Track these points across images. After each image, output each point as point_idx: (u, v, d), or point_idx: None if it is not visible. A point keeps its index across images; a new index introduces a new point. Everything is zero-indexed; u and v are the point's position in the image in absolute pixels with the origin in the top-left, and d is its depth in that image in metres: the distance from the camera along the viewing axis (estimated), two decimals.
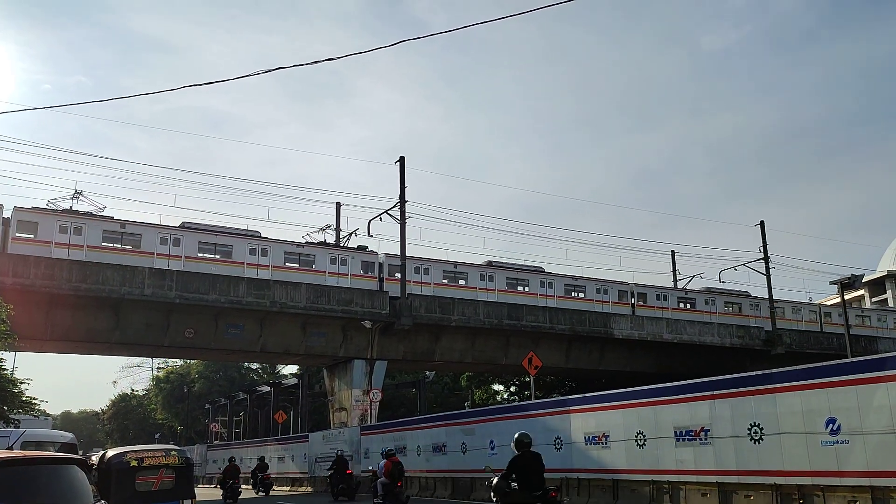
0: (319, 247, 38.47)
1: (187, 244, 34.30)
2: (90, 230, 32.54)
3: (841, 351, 41.93)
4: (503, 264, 42.90)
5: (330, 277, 37.11)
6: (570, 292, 43.87)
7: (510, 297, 41.51)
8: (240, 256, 35.29)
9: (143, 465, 12.03)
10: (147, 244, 33.42)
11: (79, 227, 32.35)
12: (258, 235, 36.60)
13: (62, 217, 32.38)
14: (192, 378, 72.28)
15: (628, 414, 16.68)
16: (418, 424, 26.82)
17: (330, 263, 37.56)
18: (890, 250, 76.18)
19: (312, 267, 37.21)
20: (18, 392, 25.76)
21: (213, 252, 35.25)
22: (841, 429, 12.06)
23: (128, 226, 33.71)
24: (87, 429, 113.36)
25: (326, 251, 38.18)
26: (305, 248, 37.86)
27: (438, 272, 40.18)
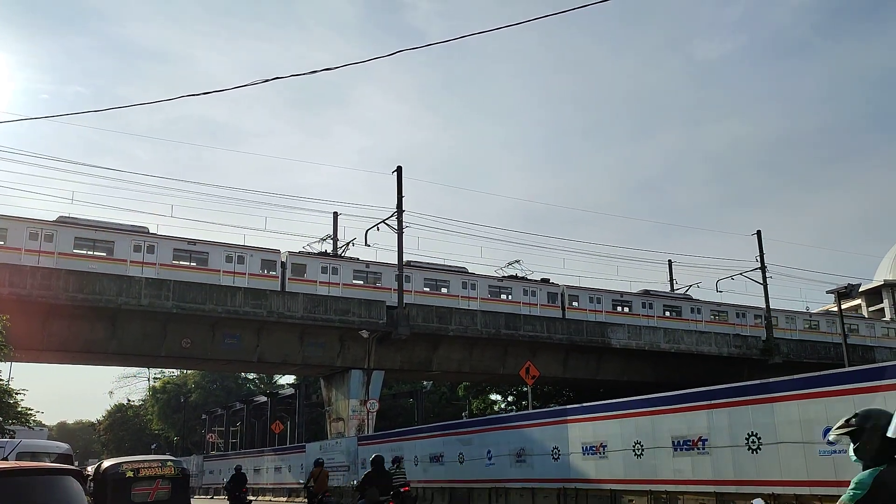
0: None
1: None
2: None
3: (838, 360, 41.92)
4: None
5: None
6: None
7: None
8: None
9: (139, 476, 12.00)
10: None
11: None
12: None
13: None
14: (188, 388, 72.10)
15: (626, 424, 16.66)
16: (416, 434, 26.75)
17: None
18: (887, 259, 76.31)
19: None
20: (14, 403, 25.62)
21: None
22: None
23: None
24: (83, 439, 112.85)
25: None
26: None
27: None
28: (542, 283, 43.79)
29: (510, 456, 20.43)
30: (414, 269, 39.85)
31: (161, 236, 34.56)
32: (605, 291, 45.69)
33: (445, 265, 42.09)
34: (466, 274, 41.71)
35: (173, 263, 34.11)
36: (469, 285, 41.08)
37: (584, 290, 45.04)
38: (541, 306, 42.41)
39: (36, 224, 32.08)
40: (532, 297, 42.55)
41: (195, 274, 34.05)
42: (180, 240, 35.06)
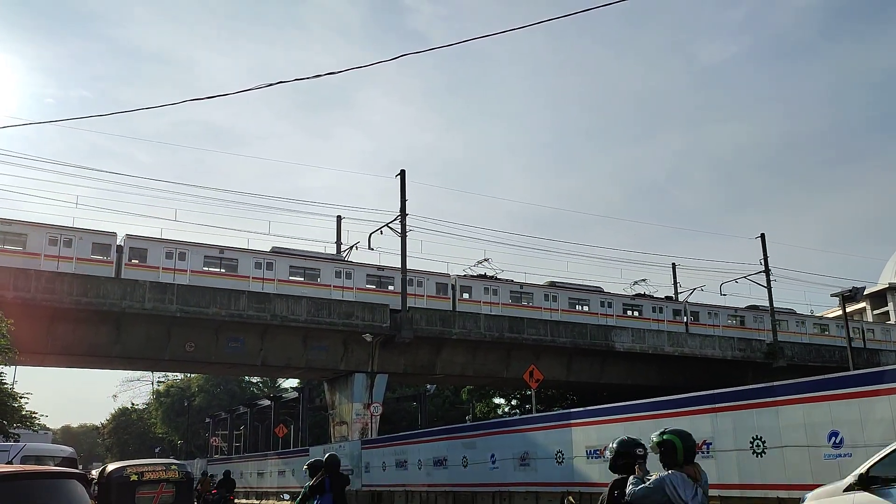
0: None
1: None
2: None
3: (843, 363, 41.82)
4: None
5: None
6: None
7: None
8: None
9: (143, 480, 12.01)
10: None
11: None
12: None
13: None
14: (192, 392, 72.14)
15: (630, 427, 16.59)
16: (419, 438, 26.71)
17: None
18: (891, 262, 76.13)
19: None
20: (18, 406, 25.69)
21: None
22: (844, 442, 12.01)
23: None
24: (87, 443, 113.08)
25: None
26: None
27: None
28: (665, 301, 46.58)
29: (514, 460, 20.38)
30: (559, 290, 44.26)
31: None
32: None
33: (584, 285, 45.93)
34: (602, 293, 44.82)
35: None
36: (606, 304, 44.36)
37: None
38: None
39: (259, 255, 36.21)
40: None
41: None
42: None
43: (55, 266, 31.58)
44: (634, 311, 46.26)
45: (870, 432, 11.64)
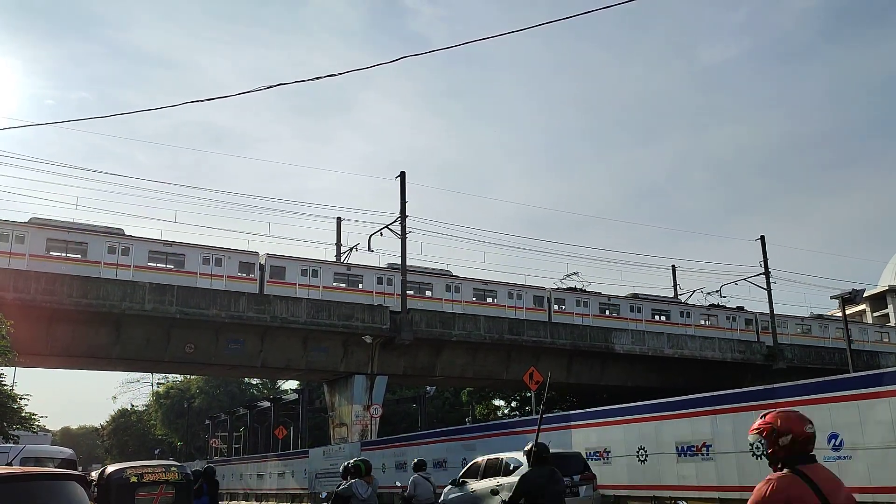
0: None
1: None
2: None
3: (842, 366, 41.81)
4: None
5: None
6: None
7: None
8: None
9: (142, 482, 12.01)
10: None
11: None
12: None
13: None
14: (192, 393, 72.09)
15: (630, 429, 16.62)
16: (419, 440, 26.72)
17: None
18: (891, 265, 76.12)
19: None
20: (18, 408, 25.63)
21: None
22: (843, 444, 12.02)
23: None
24: (87, 444, 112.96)
25: None
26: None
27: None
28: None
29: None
30: (642, 302, 46.92)
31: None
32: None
33: (664, 297, 48.69)
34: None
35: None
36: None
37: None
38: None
39: None
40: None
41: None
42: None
43: (209, 283, 34.29)
44: (709, 320, 48.72)
45: (869, 434, 11.65)
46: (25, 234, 31.70)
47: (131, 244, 33.76)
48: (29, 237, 31.72)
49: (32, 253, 31.54)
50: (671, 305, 48.40)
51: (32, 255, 31.47)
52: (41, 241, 31.94)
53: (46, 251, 32.07)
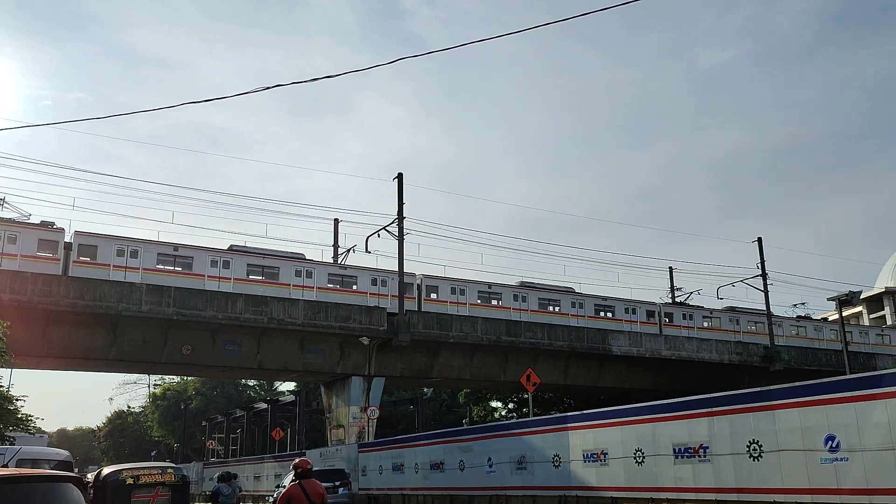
0: None
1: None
2: None
3: (839, 367, 41.87)
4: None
5: None
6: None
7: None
8: None
9: (139, 483, 12.01)
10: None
11: None
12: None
13: None
14: (189, 395, 71.98)
15: (626, 431, 16.61)
16: (416, 442, 26.69)
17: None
18: (888, 267, 76.25)
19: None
20: (14, 409, 25.58)
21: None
22: (840, 446, 12.02)
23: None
24: (83, 446, 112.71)
25: None
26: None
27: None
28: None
29: (511, 463, 20.38)
30: (740, 314, 50.00)
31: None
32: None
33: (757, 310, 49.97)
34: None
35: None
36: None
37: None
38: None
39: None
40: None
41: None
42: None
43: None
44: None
45: (866, 436, 11.66)
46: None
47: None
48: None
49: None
50: (760, 317, 50.09)
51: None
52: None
53: None
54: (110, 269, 32.52)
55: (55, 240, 32.11)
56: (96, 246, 32.88)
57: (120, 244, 33.27)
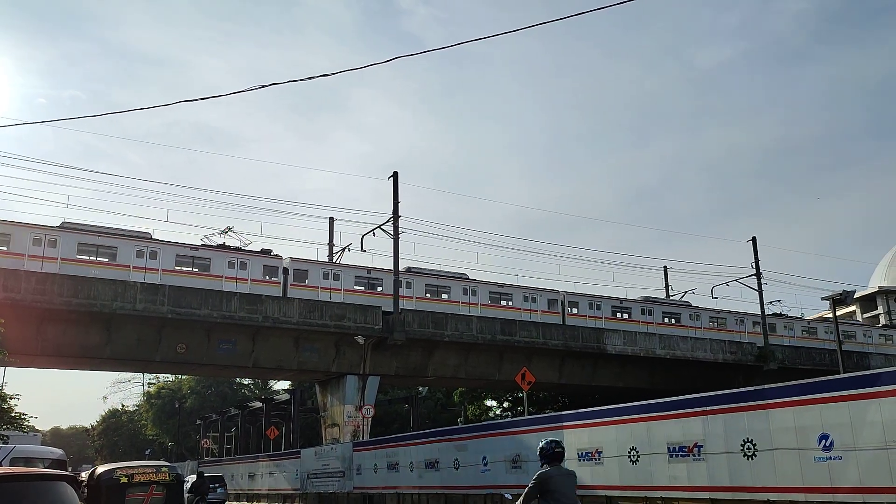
0: None
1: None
2: None
3: (833, 366, 42.00)
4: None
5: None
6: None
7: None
8: None
9: (133, 482, 11.98)
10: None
11: None
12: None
13: None
14: (183, 394, 71.84)
15: (621, 430, 16.65)
16: (411, 440, 26.69)
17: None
18: (881, 267, 76.51)
19: None
20: (8, 408, 25.52)
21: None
22: (834, 445, 12.07)
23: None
24: (77, 445, 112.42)
25: None
26: None
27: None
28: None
29: (506, 462, 20.40)
30: (787, 320, 53.09)
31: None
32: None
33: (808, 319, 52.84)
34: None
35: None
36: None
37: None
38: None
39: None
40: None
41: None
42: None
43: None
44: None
45: (860, 436, 11.70)
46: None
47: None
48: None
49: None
50: (819, 324, 52.57)
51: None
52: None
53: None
54: (317, 291, 37.10)
55: (276, 266, 36.78)
56: (307, 270, 37.39)
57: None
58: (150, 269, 33.63)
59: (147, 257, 33.78)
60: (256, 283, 35.55)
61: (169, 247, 34.70)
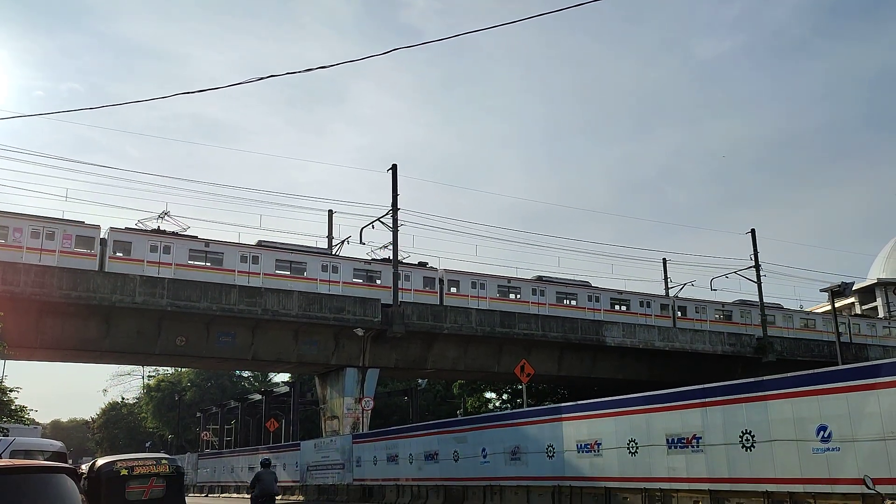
0: None
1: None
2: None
3: (832, 358, 42.04)
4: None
5: None
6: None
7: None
8: None
9: (133, 474, 11.99)
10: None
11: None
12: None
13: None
14: (183, 386, 71.95)
15: (620, 422, 16.69)
16: (410, 432, 26.76)
17: None
18: (880, 258, 76.53)
19: None
20: (8, 400, 25.54)
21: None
22: (832, 436, 12.10)
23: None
24: (77, 438, 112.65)
25: None
26: None
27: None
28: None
29: (505, 454, 20.46)
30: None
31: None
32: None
33: None
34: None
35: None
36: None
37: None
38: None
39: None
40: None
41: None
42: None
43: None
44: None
45: (858, 427, 11.73)
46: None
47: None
48: None
49: None
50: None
51: None
52: None
53: None
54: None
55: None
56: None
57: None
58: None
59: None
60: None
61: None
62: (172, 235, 35.06)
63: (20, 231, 31.29)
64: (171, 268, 33.63)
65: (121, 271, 32.09)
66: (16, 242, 31.00)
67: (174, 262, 33.99)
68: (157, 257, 33.68)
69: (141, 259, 33.36)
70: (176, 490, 12.54)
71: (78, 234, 32.46)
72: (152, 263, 33.39)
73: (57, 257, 31.35)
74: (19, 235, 31.19)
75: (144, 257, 33.40)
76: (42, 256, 31.17)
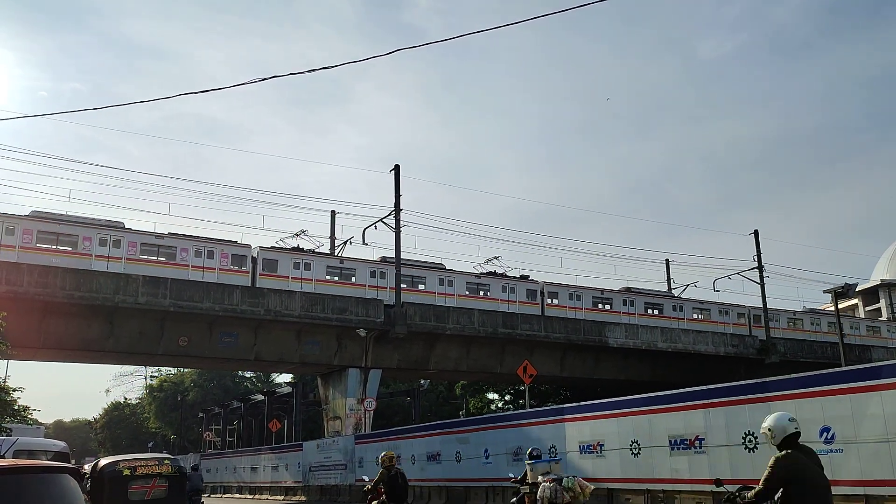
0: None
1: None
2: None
3: (835, 360, 41.97)
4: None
5: None
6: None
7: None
8: None
9: (135, 475, 12.01)
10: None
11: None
12: None
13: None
14: (185, 387, 72.01)
15: (623, 423, 16.67)
16: (413, 433, 26.76)
17: None
18: (883, 259, 76.37)
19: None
20: (11, 400, 25.55)
21: None
22: (835, 437, 12.08)
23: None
24: (80, 438, 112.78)
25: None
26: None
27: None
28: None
29: (507, 455, 20.45)
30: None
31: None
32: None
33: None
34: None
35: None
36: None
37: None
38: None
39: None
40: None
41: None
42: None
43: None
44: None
45: (861, 428, 11.71)
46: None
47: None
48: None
49: None
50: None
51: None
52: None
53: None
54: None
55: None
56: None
57: None
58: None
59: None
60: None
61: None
62: (311, 253, 37.19)
63: (186, 251, 33.91)
64: (311, 283, 35.95)
65: (268, 287, 34.54)
66: (183, 261, 33.69)
67: (314, 279, 36.17)
68: (299, 273, 35.83)
69: (286, 276, 35.44)
70: (178, 490, 12.55)
71: (233, 254, 34.96)
72: (295, 279, 35.58)
73: (217, 275, 33.97)
74: (185, 255, 33.86)
75: (289, 274, 35.53)
76: (205, 274, 33.79)
